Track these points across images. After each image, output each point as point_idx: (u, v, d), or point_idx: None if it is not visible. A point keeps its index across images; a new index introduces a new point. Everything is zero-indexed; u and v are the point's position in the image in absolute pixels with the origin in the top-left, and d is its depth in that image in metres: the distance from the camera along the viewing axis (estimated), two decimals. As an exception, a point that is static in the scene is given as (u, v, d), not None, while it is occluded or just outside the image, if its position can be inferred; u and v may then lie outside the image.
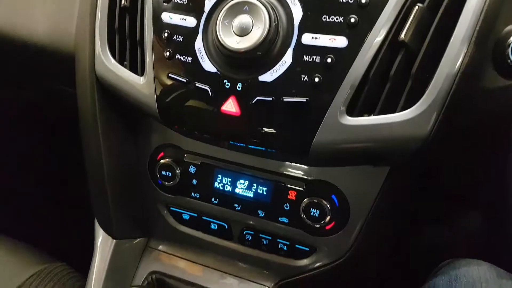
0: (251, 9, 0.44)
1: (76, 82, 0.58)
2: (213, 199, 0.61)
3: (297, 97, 0.44)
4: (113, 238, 0.63)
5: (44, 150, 1.19)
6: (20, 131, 1.14)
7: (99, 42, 0.54)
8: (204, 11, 0.48)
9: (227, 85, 0.46)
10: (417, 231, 0.88)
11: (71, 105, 0.63)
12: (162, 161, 0.61)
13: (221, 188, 0.60)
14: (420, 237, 0.90)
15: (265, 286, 0.61)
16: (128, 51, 0.53)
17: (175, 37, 0.49)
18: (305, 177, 0.56)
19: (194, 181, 0.61)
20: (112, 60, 0.54)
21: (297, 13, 0.44)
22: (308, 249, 0.58)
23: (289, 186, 0.56)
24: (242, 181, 0.59)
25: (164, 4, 0.50)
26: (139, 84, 0.51)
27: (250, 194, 0.59)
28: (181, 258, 0.65)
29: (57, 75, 0.73)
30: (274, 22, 0.44)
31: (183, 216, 0.64)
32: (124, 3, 0.52)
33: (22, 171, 1.19)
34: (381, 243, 0.62)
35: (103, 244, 0.64)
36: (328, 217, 0.55)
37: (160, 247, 0.67)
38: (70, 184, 1.15)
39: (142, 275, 0.65)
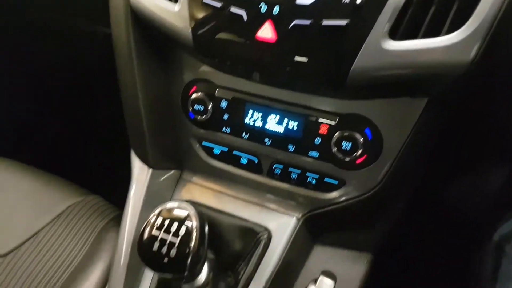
0: None
1: (110, 13, 0.58)
2: (243, 134, 0.62)
3: (337, 20, 0.42)
4: (149, 167, 0.66)
5: (78, 88, 1.22)
6: (57, 71, 1.17)
7: None
8: None
9: (263, 8, 0.45)
10: (443, 183, 0.87)
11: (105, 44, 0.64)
12: (194, 95, 0.62)
13: (252, 123, 0.60)
14: (446, 190, 0.89)
15: (293, 216, 0.63)
16: None
17: None
18: (338, 111, 0.55)
19: (226, 116, 0.62)
20: None
21: None
22: (337, 182, 0.59)
23: (321, 120, 0.56)
24: (273, 116, 0.59)
25: None
26: (173, 12, 0.51)
27: (280, 129, 0.59)
28: (212, 189, 0.67)
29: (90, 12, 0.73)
30: None
31: (214, 151, 0.66)
32: None
33: (58, 108, 1.22)
34: (409, 181, 0.63)
35: (139, 173, 0.66)
36: (360, 151, 0.55)
37: (193, 179, 0.69)
38: (104, 121, 1.19)
39: None
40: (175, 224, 0.46)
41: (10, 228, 0.78)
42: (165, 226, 0.45)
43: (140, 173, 0.67)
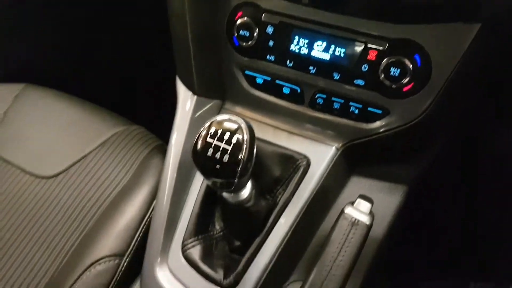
0: None
1: None
2: (288, 62, 0.62)
3: None
4: (194, 93, 0.68)
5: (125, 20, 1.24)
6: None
7: None
8: None
9: None
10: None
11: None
12: (240, 20, 0.62)
13: (297, 50, 0.60)
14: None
15: (333, 146, 0.64)
16: None
17: None
18: (388, 35, 0.55)
19: (271, 43, 0.62)
20: None
21: None
22: (380, 112, 0.60)
23: (370, 45, 0.56)
24: (319, 42, 0.59)
25: None
26: None
27: (326, 56, 0.59)
28: (253, 119, 0.69)
29: None
30: None
31: (257, 80, 0.67)
32: None
33: (102, 40, 1.25)
34: (452, 113, 0.62)
35: (184, 100, 0.69)
36: (408, 78, 0.55)
37: (234, 109, 0.71)
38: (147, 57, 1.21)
39: None
40: (228, 134, 0.48)
41: (59, 152, 0.83)
42: (218, 135, 0.48)
43: (185, 100, 0.69)
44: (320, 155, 0.64)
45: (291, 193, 0.63)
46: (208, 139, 0.48)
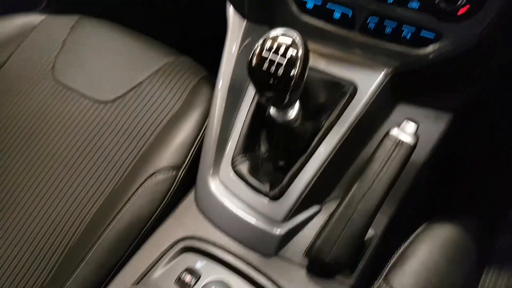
0: None
1: None
2: None
3: None
4: (244, 17, 0.70)
5: None
6: None
7: None
8: None
9: None
10: None
11: None
12: None
13: (351, -29, 0.60)
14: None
15: (381, 71, 0.64)
16: None
17: None
18: None
19: (324, -37, 0.62)
20: None
21: None
22: (433, 36, 0.59)
23: None
24: (374, -38, 0.58)
25: None
26: None
27: (381, -23, 0.59)
28: None
29: None
30: None
31: (307, 5, 0.67)
32: None
33: None
34: (507, 41, 0.61)
35: (234, 24, 0.71)
36: (463, 0, 0.54)
37: None
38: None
39: None
40: (283, 47, 0.50)
41: (116, 79, 0.88)
42: (273, 49, 0.50)
43: (235, 25, 0.71)
44: (368, 81, 0.65)
45: (336, 117, 0.65)
46: (264, 54, 0.50)
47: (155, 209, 0.72)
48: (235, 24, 0.71)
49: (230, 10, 0.72)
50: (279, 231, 0.63)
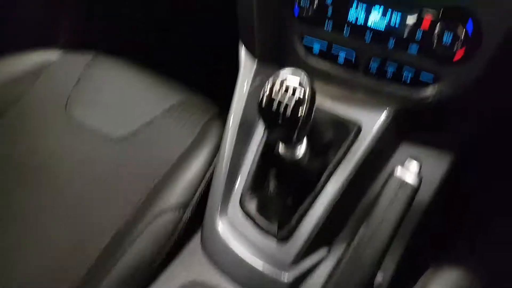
0: None
1: None
2: (345, 30, 0.66)
3: None
4: (255, 57, 0.73)
5: None
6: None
7: None
8: None
9: None
10: None
11: None
12: (300, -9, 0.66)
13: (354, 18, 0.64)
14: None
15: (384, 111, 0.67)
16: None
17: None
18: (441, 2, 0.57)
19: (329, 11, 0.65)
20: None
21: None
22: (432, 76, 0.62)
23: (424, 11, 0.58)
24: (376, 12, 0.62)
25: None
26: None
27: (383, 23, 0.62)
28: None
29: None
30: None
31: (314, 50, 0.71)
32: None
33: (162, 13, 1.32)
34: (505, 82, 0.63)
35: (246, 63, 0.75)
36: (460, 44, 0.57)
37: None
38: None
39: None
40: (291, 89, 0.52)
41: (127, 116, 0.90)
42: (282, 90, 0.52)
43: (247, 62, 0.75)
44: (372, 120, 0.67)
45: (342, 156, 0.67)
46: (273, 95, 0.53)
47: (160, 250, 0.72)
48: (246, 63, 0.75)
49: (242, 50, 0.76)
50: (287, 278, 0.64)
